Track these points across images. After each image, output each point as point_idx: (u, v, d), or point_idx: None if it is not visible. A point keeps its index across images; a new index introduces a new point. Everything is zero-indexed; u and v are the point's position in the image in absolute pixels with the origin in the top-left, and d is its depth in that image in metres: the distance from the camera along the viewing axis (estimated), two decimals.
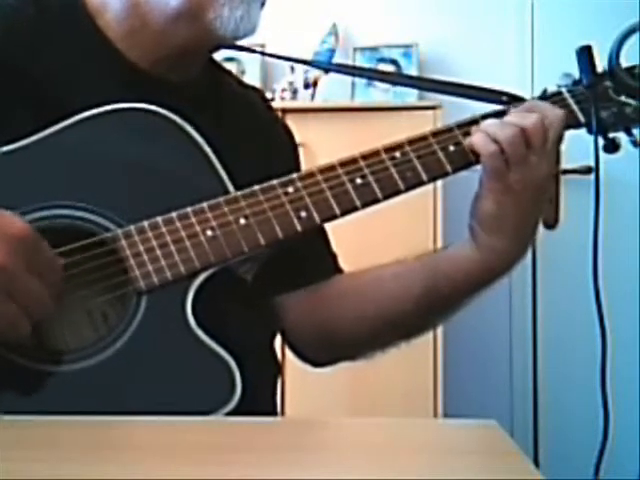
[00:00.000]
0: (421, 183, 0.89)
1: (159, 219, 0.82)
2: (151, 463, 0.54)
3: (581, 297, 1.30)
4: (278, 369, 1.03)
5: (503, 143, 0.87)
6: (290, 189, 0.85)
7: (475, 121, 0.91)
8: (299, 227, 0.85)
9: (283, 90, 2.70)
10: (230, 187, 0.85)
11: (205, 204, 0.83)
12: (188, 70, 0.96)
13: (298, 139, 1.10)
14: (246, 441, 0.61)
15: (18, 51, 0.88)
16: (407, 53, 2.78)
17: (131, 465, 0.53)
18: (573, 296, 2.37)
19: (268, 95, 2.60)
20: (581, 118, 0.93)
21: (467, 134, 0.90)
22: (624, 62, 0.95)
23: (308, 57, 2.70)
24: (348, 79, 2.66)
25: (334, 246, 1.09)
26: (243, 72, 2.72)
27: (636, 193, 2.66)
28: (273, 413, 0.98)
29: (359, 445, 0.61)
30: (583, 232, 0.97)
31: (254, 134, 1.01)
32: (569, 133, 0.92)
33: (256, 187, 0.85)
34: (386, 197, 0.87)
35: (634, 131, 0.94)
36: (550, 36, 2.78)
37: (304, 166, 1.07)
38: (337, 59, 2.77)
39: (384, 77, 1.38)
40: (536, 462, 2.55)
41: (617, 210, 2.44)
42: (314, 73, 2.70)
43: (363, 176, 0.87)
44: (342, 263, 1.09)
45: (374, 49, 2.81)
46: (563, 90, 0.94)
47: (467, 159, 0.90)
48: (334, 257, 1.08)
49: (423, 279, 0.95)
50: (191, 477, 0.50)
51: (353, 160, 0.87)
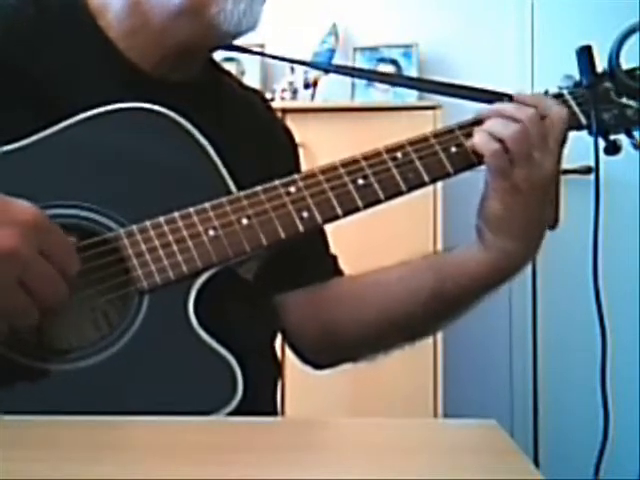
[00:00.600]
0: (423, 184, 0.89)
1: (161, 219, 0.82)
2: (151, 463, 0.54)
3: (581, 297, 1.30)
4: (278, 369, 1.03)
5: (506, 141, 0.87)
6: (292, 189, 0.85)
7: (477, 122, 0.91)
8: (301, 227, 0.85)
9: (283, 90, 2.70)
10: (232, 187, 0.85)
11: (207, 204, 0.83)
12: (188, 70, 0.96)
13: (298, 139, 1.10)
14: (246, 441, 0.61)
15: (19, 51, 0.88)
16: (407, 53, 2.78)
17: (131, 465, 0.53)
18: (573, 296, 2.37)
19: (268, 95, 2.60)
20: (582, 120, 0.93)
21: (469, 135, 0.90)
22: (624, 62, 0.95)
23: (308, 57, 2.70)
24: (348, 79, 2.67)
25: (335, 247, 1.09)
26: (243, 72, 2.72)
27: (636, 193, 2.66)
28: (273, 413, 0.98)
29: (359, 445, 0.61)
30: (583, 232, 0.97)
31: (254, 135, 1.01)
32: (569, 134, 0.92)
33: (258, 187, 0.85)
34: (388, 198, 0.87)
35: (635, 133, 0.94)
36: (550, 36, 2.78)
37: (304, 166, 1.07)
38: (337, 59, 2.78)
39: (384, 78, 1.38)
40: (536, 462, 2.55)
41: (617, 210, 2.44)
42: (314, 73, 2.70)
43: (365, 177, 0.87)
44: (343, 264, 1.09)
45: (374, 49, 2.81)
46: (564, 92, 0.94)
47: (469, 160, 0.90)
48: (334, 258, 1.08)
49: (430, 282, 0.95)
50: (191, 477, 0.50)
51: (355, 161, 0.87)
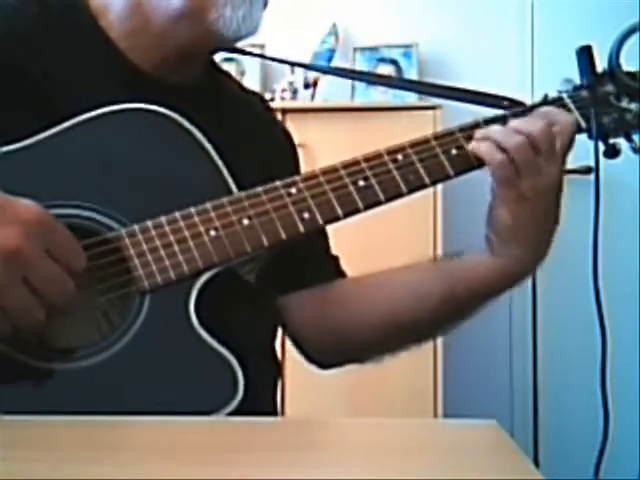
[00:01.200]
0: (423, 186, 0.89)
1: (163, 219, 0.82)
2: (151, 463, 0.54)
3: (581, 297, 1.30)
4: (278, 369, 1.03)
5: (511, 151, 0.87)
6: (293, 190, 0.85)
7: (477, 125, 0.91)
8: (302, 228, 0.85)
9: (283, 90, 2.70)
10: (233, 187, 0.85)
11: (208, 204, 0.83)
12: (189, 72, 0.96)
13: (298, 139, 1.10)
14: (246, 441, 0.61)
15: (20, 51, 0.88)
16: (407, 53, 2.78)
17: (131, 465, 0.53)
18: (573, 296, 2.37)
19: (268, 95, 2.60)
20: (582, 123, 0.93)
21: (469, 137, 0.90)
22: (624, 63, 0.95)
23: (308, 57, 2.70)
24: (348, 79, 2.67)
25: (335, 248, 1.09)
26: (243, 73, 2.72)
27: (636, 194, 2.66)
28: (273, 413, 0.98)
29: (359, 445, 0.61)
30: (583, 232, 0.97)
31: (254, 136, 1.01)
32: None
33: (259, 188, 0.85)
34: (388, 199, 0.88)
35: (634, 137, 0.94)
36: (550, 36, 2.78)
37: (304, 166, 1.07)
38: (337, 59, 2.78)
39: (383, 81, 1.37)
40: (536, 462, 2.55)
41: (617, 210, 2.44)
42: (314, 73, 2.70)
43: (365, 178, 0.87)
44: (343, 266, 1.09)
45: (374, 49, 2.81)
46: (564, 96, 0.94)
47: (469, 162, 0.90)
48: (335, 260, 1.08)
49: (440, 287, 0.95)
50: (191, 477, 0.50)
51: (355, 162, 0.88)
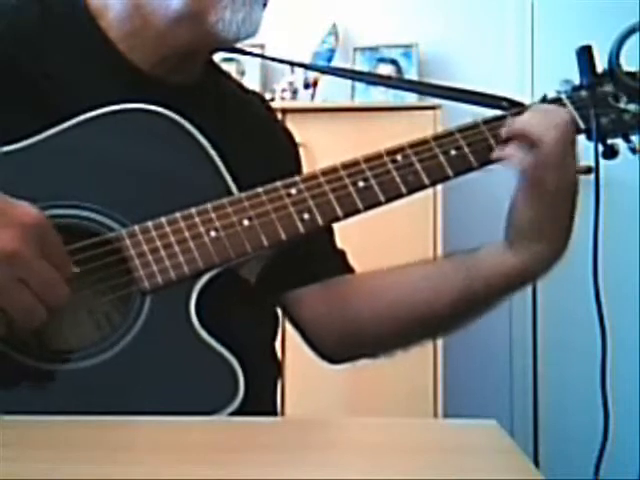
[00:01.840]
0: (423, 187, 0.89)
1: (163, 219, 0.82)
2: (152, 463, 0.54)
3: (581, 297, 1.30)
4: (278, 369, 1.03)
5: (549, 145, 0.87)
6: (293, 191, 0.85)
7: (476, 125, 0.91)
8: (302, 229, 0.85)
9: (283, 90, 2.70)
10: (233, 188, 0.85)
11: (209, 205, 0.83)
12: (189, 72, 0.96)
13: (298, 139, 1.10)
14: (246, 441, 0.61)
15: (20, 51, 0.88)
16: (407, 53, 2.78)
17: (131, 465, 0.53)
18: (573, 296, 2.37)
19: (268, 95, 2.60)
20: (581, 124, 0.93)
21: (468, 137, 0.90)
22: (624, 63, 0.95)
23: (308, 57, 2.70)
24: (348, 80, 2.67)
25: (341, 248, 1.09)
26: (243, 73, 2.72)
27: (636, 194, 2.66)
28: (273, 413, 0.98)
29: (359, 445, 0.61)
30: (583, 232, 0.97)
31: (255, 136, 1.01)
32: None
33: (259, 188, 0.85)
34: (388, 200, 0.88)
35: (632, 138, 0.95)
36: (550, 36, 2.79)
37: (304, 166, 1.07)
38: (337, 59, 2.78)
39: (383, 81, 1.37)
40: (536, 462, 2.55)
41: (617, 210, 2.44)
42: (314, 73, 2.70)
43: (365, 179, 0.87)
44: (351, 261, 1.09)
45: (374, 49, 2.81)
46: (563, 96, 0.94)
47: (468, 163, 0.90)
48: (342, 254, 1.08)
49: (460, 282, 0.95)
50: (192, 477, 0.50)
51: (355, 163, 0.88)
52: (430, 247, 2.38)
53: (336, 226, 0.90)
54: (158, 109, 0.85)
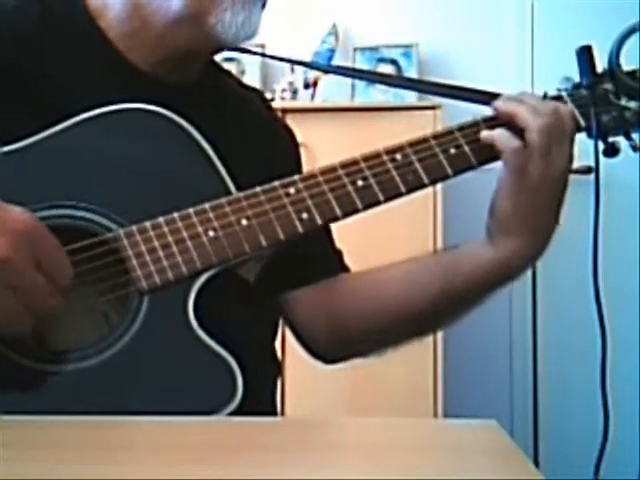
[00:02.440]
0: (422, 185, 0.89)
1: (161, 219, 0.82)
2: (152, 463, 0.54)
3: (581, 297, 1.30)
4: (278, 369, 1.03)
5: (534, 131, 0.86)
6: (291, 190, 0.85)
7: (476, 124, 0.91)
8: (300, 228, 0.85)
9: (283, 90, 2.70)
10: (232, 188, 0.85)
11: (207, 205, 0.83)
12: (189, 72, 0.96)
13: (298, 139, 1.10)
14: (246, 441, 0.61)
15: (19, 51, 0.88)
16: (407, 53, 2.78)
17: (131, 465, 0.53)
18: (573, 296, 2.37)
19: (268, 95, 2.60)
20: (581, 122, 0.92)
21: (467, 136, 0.90)
22: (624, 63, 0.95)
23: (308, 57, 2.70)
24: (348, 79, 2.67)
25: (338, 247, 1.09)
26: (243, 72, 2.72)
27: (636, 193, 2.66)
28: (273, 413, 0.98)
29: (359, 445, 0.61)
30: (583, 232, 0.97)
31: (255, 135, 1.01)
32: None
33: (258, 188, 0.85)
34: (387, 199, 0.87)
35: (634, 135, 0.94)
36: (550, 36, 2.78)
37: (304, 165, 1.07)
38: (337, 59, 2.78)
39: (383, 79, 1.37)
40: (536, 462, 2.55)
41: (617, 210, 2.44)
42: (314, 73, 2.71)
43: (364, 178, 0.87)
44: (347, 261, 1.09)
45: (374, 49, 2.81)
46: (563, 94, 0.94)
47: (468, 162, 0.90)
48: (339, 254, 1.08)
49: (440, 278, 0.94)
50: (191, 477, 0.50)
51: (354, 162, 0.87)
52: (430, 247, 2.38)
53: (335, 225, 0.89)
54: (157, 109, 0.85)
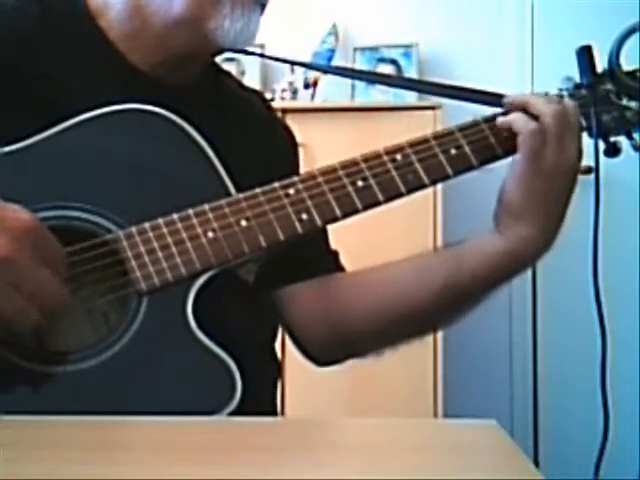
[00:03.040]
0: (422, 186, 0.88)
1: (160, 220, 0.82)
2: (151, 463, 0.54)
3: (581, 297, 1.30)
4: (278, 370, 1.03)
5: (547, 116, 0.86)
6: (291, 191, 0.85)
7: (476, 124, 0.91)
8: (300, 229, 0.85)
9: (283, 90, 2.71)
10: (231, 189, 0.85)
11: (206, 205, 0.83)
12: (189, 73, 0.96)
13: (298, 139, 1.10)
14: (246, 441, 0.61)
15: (20, 51, 0.88)
16: (407, 53, 2.78)
17: (131, 465, 0.53)
18: (573, 296, 2.37)
19: (268, 95, 2.60)
20: (583, 122, 0.92)
21: (468, 136, 0.90)
22: (624, 63, 0.95)
23: (308, 57, 2.70)
24: (348, 79, 2.67)
25: (334, 247, 1.09)
26: (243, 72, 2.72)
27: (636, 193, 2.66)
28: (273, 413, 0.98)
29: (359, 445, 0.61)
30: (583, 232, 0.96)
31: (255, 136, 1.01)
32: None
33: (257, 189, 0.85)
34: (387, 200, 0.87)
35: (635, 135, 0.94)
36: (550, 36, 2.79)
37: (304, 165, 1.07)
38: (337, 59, 2.78)
39: (383, 80, 1.37)
40: (536, 462, 2.55)
41: (617, 210, 2.44)
42: (314, 73, 2.70)
43: (364, 178, 0.87)
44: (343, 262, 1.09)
45: (374, 49, 2.81)
46: (564, 94, 0.94)
47: (468, 162, 0.89)
48: (335, 254, 1.08)
49: (445, 274, 0.93)
50: (191, 477, 0.50)
51: (354, 162, 0.87)
52: (430, 247, 2.38)
53: (335, 226, 0.89)
54: (156, 109, 0.85)
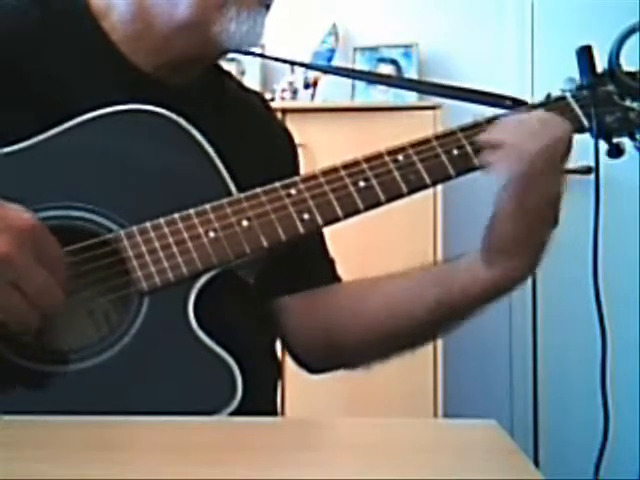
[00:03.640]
0: (424, 186, 0.88)
1: (162, 220, 0.82)
2: (151, 463, 0.54)
3: (581, 297, 1.30)
4: (278, 370, 1.03)
5: (531, 159, 0.85)
6: (293, 191, 0.85)
7: (479, 124, 0.90)
8: (302, 229, 0.85)
9: (283, 90, 2.70)
10: (233, 189, 0.85)
11: (208, 205, 0.83)
12: (190, 73, 0.96)
13: (298, 139, 1.10)
14: (246, 441, 0.62)
15: (20, 51, 0.88)
16: (407, 53, 2.78)
17: (131, 465, 0.53)
18: (573, 296, 2.37)
19: (268, 95, 2.60)
20: (585, 122, 0.92)
21: (469, 137, 0.90)
22: (624, 63, 0.95)
23: (308, 57, 2.70)
24: (348, 79, 2.67)
25: (335, 248, 1.09)
26: (243, 72, 2.72)
27: (636, 193, 2.66)
28: (273, 413, 0.98)
29: (359, 445, 0.61)
30: (583, 232, 0.96)
31: (255, 137, 1.01)
32: None
33: (259, 189, 0.85)
34: (389, 200, 0.87)
35: (637, 136, 0.94)
36: (550, 36, 2.78)
37: (304, 165, 1.07)
38: (337, 59, 2.78)
39: (383, 80, 1.37)
40: (536, 462, 2.55)
41: (617, 210, 2.44)
42: (314, 73, 2.70)
43: (366, 179, 0.87)
44: (343, 265, 1.08)
45: (374, 49, 2.81)
46: (567, 95, 0.94)
47: (470, 163, 0.89)
48: (332, 263, 1.08)
49: (437, 294, 0.93)
50: (191, 477, 0.50)
51: (356, 163, 0.87)
52: (430, 247, 2.38)
53: (336, 226, 0.89)
54: (158, 110, 0.85)
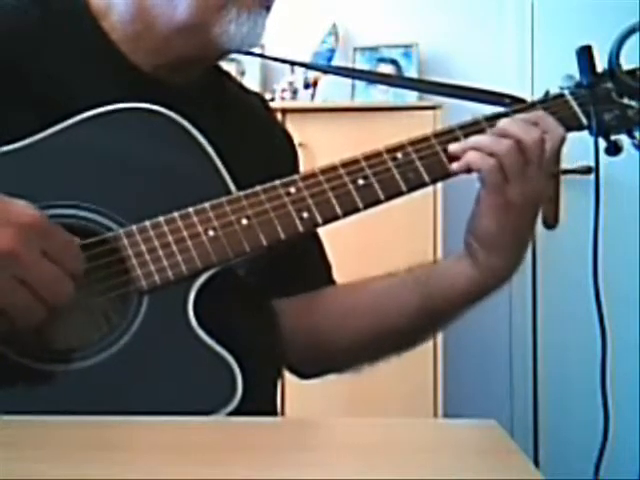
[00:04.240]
0: (423, 184, 0.89)
1: (161, 219, 0.82)
2: (151, 463, 0.54)
3: (581, 297, 1.30)
4: (279, 370, 1.03)
5: (500, 156, 0.86)
6: (292, 189, 0.85)
7: (477, 122, 0.91)
8: (301, 228, 0.85)
9: (283, 90, 2.70)
10: (232, 187, 0.85)
11: (207, 204, 0.83)
12: (190, 74, 0.96)
13: (298, 139, 1.10)
14: (246, 441, 0.61)
15: (20, 51, 0.88)
16: (407, 53, 2.78)
17: (131, 465, 0.53)
18: (573, 296, 2.37)
19: (268, 95, 2.60)
20: (583, 120, 0.92)
21: (469, 135, 0.90)
22: (624, 62, 0.95)
23: (308, 57, 2.70)
24: (348, 79, 2.67)
25: (334, 247, 1.09)
26: (243, 72, 2.72)
27: (636, 193, 2.66)
28: (273, 413, 0.98)
29: (358, 445, 0.61)
30: (583, 232, 0.97)
31: (254, 137, 1.01)
32: (569, 134, 0.91)
33: (258, 187, 0.85)
34: (388, 198, 0.87)
35: (636, 133, 0.94)
36: (550, 36, 2.78)
37: (304, 165, 1.07)
38: (337, 59, 2.78)
39: (383, 79, 1.37)
40: (536, 462, 2.55)
41: (617, 210, 2.44)
42: (314, 73, 2.70)
43: (365, 177, 0.87)
44: (342, 265, 1.08)
45: (374, 49, 2.81)
46: (565, 92, 0.94)
47: None
48: (328, 267, 1.08)
49: (419, 296, 0.95)
50: (191, 477, 0.50)
51: (355, 161, 0.87)
52: (430, 247, 2.38)
53: (335, 225, 0.89)
54: (158, 108, 0.85)
